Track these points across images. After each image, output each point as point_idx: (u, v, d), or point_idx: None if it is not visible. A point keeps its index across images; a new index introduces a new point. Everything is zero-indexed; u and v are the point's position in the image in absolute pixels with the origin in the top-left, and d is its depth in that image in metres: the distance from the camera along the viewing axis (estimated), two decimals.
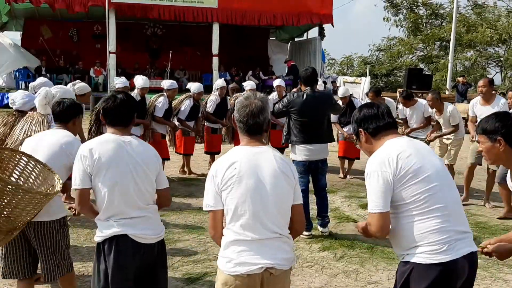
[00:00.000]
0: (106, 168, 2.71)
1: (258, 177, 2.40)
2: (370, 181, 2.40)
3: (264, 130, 2.52)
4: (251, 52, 21.39)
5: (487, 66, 30.64)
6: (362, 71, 31.67)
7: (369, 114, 2.57)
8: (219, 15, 17.71)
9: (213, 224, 2.50)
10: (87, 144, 2.81)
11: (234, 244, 2.41)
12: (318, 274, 4.48)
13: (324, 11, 18.85)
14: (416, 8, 31.82)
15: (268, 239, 2.40)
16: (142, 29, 21.57)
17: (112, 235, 2.76)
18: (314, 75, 5.46)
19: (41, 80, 5.94)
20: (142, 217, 2.81)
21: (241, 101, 2.51)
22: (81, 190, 2.77)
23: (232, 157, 2.45)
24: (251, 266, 2.36)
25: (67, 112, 3.49)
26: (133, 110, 2.95)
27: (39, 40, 19.71)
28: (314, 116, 5.30)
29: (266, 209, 2.39)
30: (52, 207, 3.20)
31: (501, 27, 27.51)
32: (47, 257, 3.27)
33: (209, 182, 2.46)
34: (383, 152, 2.43)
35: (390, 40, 33.36)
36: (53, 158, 3.22)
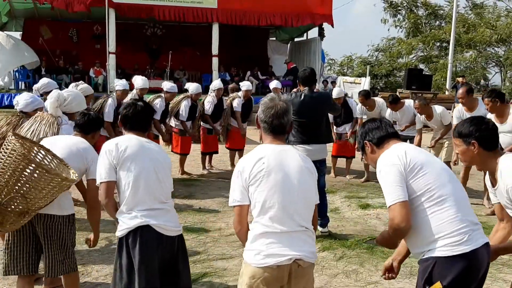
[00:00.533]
0: (131, 159, 2.88)
1: (285, 172, 2.49)
2: (383, 176, 2.47)
3: (287, 131, 2.66)
4: (250, 52, 21.37)
5: (487, 66, 30.65)
6: (362, 71, 31.67)
7: (372, 127, 2.71)
8: (219, 15, 17.69)
9: (239, 219, 2.56)
10: (112, 140, 2.98)
11: (262, 236, 2.45)
12: (318, 274, 4.48)
13: (324, 12, 18.84)
14: (415, 9, 31.83)
15: (296, 232, 2.46)
16: (141, 29, 21.55)
17: (136, 226, 2.83)
18: (312, 75, 5.46)
19: (44, 81, 5.94)
20: (163, 209, 2.95)
21: (266, 103, 2.61)
22: (107, 182, 2.88)
23: (259, 153, 2.53)
24: (281, 257, 2.40)
25: (90, 126, 3.64)
26: (151, 117, 3.23)
27: (39, 40, 19.69)
28: (312, 116, 5.31)
29: (294, 203, 2.47)
30: (63, 201, 3.27)
31: (500, 27, 27.53)
32: (52, 252, 3.28)
33: (236, 177, 2.53)
34: (391, 151, 2.55)
35: (390, 41, 33.38)
36: (69, 159, 3.27)
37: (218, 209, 6.46)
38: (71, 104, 4.39)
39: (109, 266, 4.57)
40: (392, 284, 4.24)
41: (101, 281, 4.24)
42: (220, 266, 4.57)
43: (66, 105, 4.35)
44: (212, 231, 5.56)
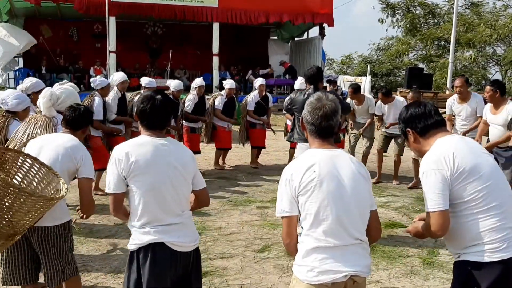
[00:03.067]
0: (142, 172, 2.61)
1: (338, 180, 2.31)
2: (427, 180, 2.36)
3: (335, 132, 2.45)
4: (251, 52, 21.35)
5: (486, 66, 30.63)
6: (362, 70, 31.65)
7: (416, 113, 2.53)
8: (219, 14, 17.69)
9: (288, 231, 2.38)
10: (123, 147, 2.67)
11: (315, 251, 2.30)
12: None
13: (324, 11, 18.83)
14: (413, 8, 31.81)
15: (350, 245, 2.31)
16: (142, 28, 21.53)
17: (148, 243, 2.62)
18: (318, 74, 5.42)
19: (32, 81, 5.63)
20: (178, 224, 2.71)
21: (313, 103, 2.42)
22: (115, 195, 2.66)
23: (308, 160, 2.34)
24: (336, 274, 2.26)
25: (79, 120, 3.40)
26: (171, 113, 2.87)
27: (39, 39, 19.67)
28: None
29: (348, 214, 2.30)
30: (56, 211, 3.10)
31: (499, 26, 27.51)
32: (51, 262, 3.17)
33: (284, 186, 2.35)
34: (438, 151, 2.40)
35: (389, 40, 33.36)
36: (57, 162, 3.12)
37: (218, 208, 6.46)
38: (65, 102, 4.11)
39: (108, 266, 4.57)
40: (392, 283, 4.23)
41: (101, 280, 4.22)
42: (220, 265, 4.56)
43: (59, 104, 4.11)
44: (212, 230, 5.56)
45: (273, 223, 5.87)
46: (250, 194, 7.30)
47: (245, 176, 8.52)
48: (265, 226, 5.76)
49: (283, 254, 4.90)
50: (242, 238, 5.34)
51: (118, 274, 4.34)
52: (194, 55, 21.31)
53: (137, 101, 2.81)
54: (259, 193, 7.40)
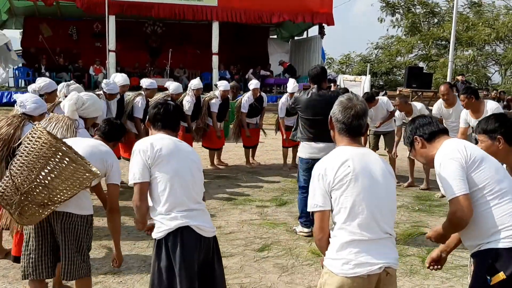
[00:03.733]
0: (167, 158, 2.80)
1: (371, 176, 2.39)
2: (444, 169, 2.46)
3: (363, 132, 2.55)
4: (251, 51, 21.33)
5: (486, 65, 30.63)
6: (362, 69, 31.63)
7: (423, 122, 2.70)
8: (219, 13, 17.69)
9: (321, 225, 2.42)
10: (146, 140, 2.90)
11: (350, 244, 2.34)
12: (318, 272, 4.47)
13: (324, 10, 18.83)
14: (413, 7, 31.78)
15: (382, 239, 2.38)
16: (141, 27, 21.52)
17: (176, 227, 2.75)
18: (321, 73, 5.42)
19: (46, 81, 5.65)
20: (199, 210, 2.90)
21: (344, 103, 2.51)
22: (141, 183, 2.79)
23: (341, 156, 2.42)
24: (372, 266, 2.31)
25: (114, 134, 3.59)
26: (181, 117, 3.15)
27: (39, 38, 19.67)
28: (317, 114, 5.28)
29: (381, 209, 2.38)
30: (82, 200, 3.19)
31: (499, 25, 27.51)
32: (70, 254, 3.19)
33: (317, 181, 2.41)
34: (449, 146, 2.54)
35: (388, 39, 33.33)
36: (89, 159, 3.12)
37: (218, 207, 6.46)
38: (89, 109, 4.19)
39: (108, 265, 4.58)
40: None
41: (101, 279, 4.23)
42: None
43: (83, 109, 4.15)
44: None
45: (273, 222, 5.87)
46: (249, 193, 7.30)
47: (245, 175, 8.52)
48: (264, 225, 5.77)
49: (283, 253, 4.91)
50: (242, 237, 5.34)
51: (118, 273, 4.34)
52: (194, 54, 21.30)
53: (150, 107, 3.08)
54: (258, 192, 7.40)
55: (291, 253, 4.93)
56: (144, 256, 4.73)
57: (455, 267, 4.63)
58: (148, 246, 5.01)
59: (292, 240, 5.30)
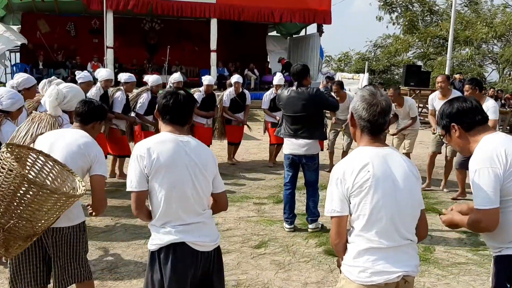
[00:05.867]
0: (164, 169, 2.56)
1: (392, 180, 2.27)
2: (480, 177, 2.36)
3: (385, 129, 2.42)
4: (249, 48, 21.31)
5: (483, 63, 30.67)
6: (359, 67, 31.64)
7: (464, 108, 2.51)
8: (217, 10, 17.66)
9: (338, 230, 2.34)
10: (144, 144, 2.62)
11: (367, 252, 2.27)
12: (315, 269, 4.49)
13: (323, 8, 18.82)
14: (410, 6, 31.77)
15: (402, 246, 2.30)
16: (139, 24, 21.46)
17: (169, 242, 2.58)
18: (302, 71, 5.41)
19: (24, 76, 5.37)
20: (199, 223, 2.66)
21: (368, 99, 2.34)
22: (138, 193, 2.59)
23: (361, 159, 2.29)
24: (389, 275, 2.25)
25: (91, 115, 3.25)
26: (193, 109, 2.77)
27: (37, 34, 19.61)
28: (296, 111, 5.35)
29: (401, 215, 2.28)
30: (72, 211, 3.00)
31: (497, 24, 27.54)
32: (63, 264, 3.05)
33: (335, 186, 2.30)
34: (488, 148, 2.41)
35: (386, 38, 33.34)
36: (70, 159, 2.99)
37: None
38: (71, 102, 3.87)
39: (105, 262, 4.57)
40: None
41: (98, 275, 4.23)
42: None
43: (66, 103, 3.87)
44: None
45: (270, 219, 5.88)
46: (247, 190, 7.31)
47: (242, 172, 8.53)
48: (262, 222, 5.78)
49: (280, 250, 4.92)
50: (239, 234, 5.35)
51: (115, 269, 4.35)
52: (192, 51, 21.27)
53: (160, 97, 2.75)
54: (256, 189, 7.41)
55: (288, 250, 4.94)
56: (141, 252, 4.73)
57: (451, 264, 4.65)
58: (145, 243, 5.00)
59: (289, 237, 5.31)
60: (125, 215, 5.59)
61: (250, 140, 11.66)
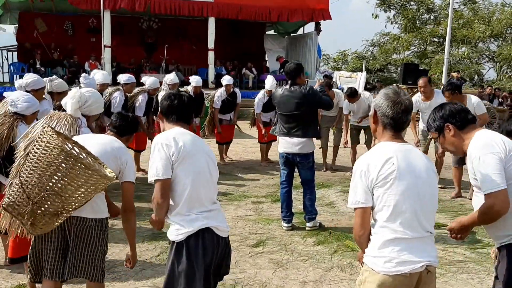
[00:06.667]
0: (191, 156, 2.70)
1: (415, 174, 2.36)
2: (483, 163, 2.46)
3: (405, 127, 2.51)
4: (247, 46, 21.29)
5: (480, 62, 30.71)
6: (356, 66, 31.66)
7: (455, 108, 2.66)
8: (215, 9, 17.64)
9: (362, 222, 2.39)
10: (167, 134, 2.74)
11: (392, 243, 2.33)
12: (313, 267, 4.49)
13: (320, 6, 18.81)
14: (408, 4, 31.78)
15: (424, 237, 2.38)
16: (137, 23, 21.41)
17: (198, 229, 2.67)
18: (295, 70, 5.41)
19: (33, 77, 5.38)
20: (216, 210, 2.82)
21: (392, 97, 2.43)
22: (165, 180, 2.65)
23: (385, 152, 2.37)
24: (414, 265, 2.31)
25: (128, 128, 3.37)
26: (194, 109, 2.93)
27: (34, 33, 19.55)
28: (289, 110, 5.37)
29: (423, 207, 2.36)
30: (97, 203, 3.03)
31: (494, 22, 27.57)
32: (79, 255, 3.02)
33: (359, 178, 2.37)
34: (484, 138, 2.53)
35: (384, 36, 33.35)
36: (102, 157, 2.98)
37: None
38: (92, 106, 3.90)
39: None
40: None
41: None
42: None
43: (86, 107, 3.87)
44: None
45: (268, 218, 5.88)
46: (245, 189, 7.31)
47: (240, 171, 8.53)
48: (260, 221, 5.77)
49: (278, 249, 4.92)
50: (237, 233, 5.34)
51: (112, 269, 4.35)
52: (190, 50, 21.24)
53: (163, 98, 2.91)
54: (254, 188, 7.41)
55: (286, 249, 4.94)
56: (138, 251, 4.70)
57: (449, 262, 4.65)
58: (143, 241, 5.00)
59: (287, 236, 5.31)
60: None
61: (248, 138, 11.65)
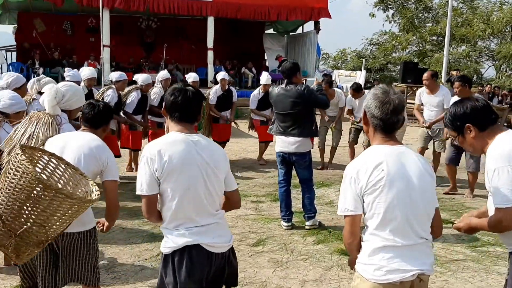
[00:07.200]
0: (177, 172, 2.48)
1: (407, 179, 2.27)
2: (499, 176, 2.33)
3: (398, 128, 2.39)
4: (246, 46, 21.25)
5: (480, 60, 30.72)
6: (356, 65, 31.68)
7: (478, 107, 2.47)
8: (214, 8, 17.62)
9: (351, 229, 2.34)
10: (154, 145, 2.53)
11: (382, 250, 2.27)
12: (313, 267, 4.48)
13: (320, 5, 18.79)
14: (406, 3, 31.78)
15: (417, 245, 2.30)
16: (136, 22, 21.38)
17: (183, 245, 2.52)
18: (290, 69, 5.38)
19: (12, 76, 5.18)
20: (213, 224, 2.60)
21: (380, 97, 2.33)
22: (149, 197, 2.52)
23: (375, 157, 2.28)
24: (404, 273, 2.25)
25: (100, 118, 3.18)
26: (201, 105, 2.70)
27: (33, 33, 19.53)
28: (284, 109, 5.36)
29: (416, 214, 2.28)
30: (83, 216, 2.89)
31: (493, 21, 27.58)
32: (70, 265, 2.99)
33: (349, 185, 2.31)
34: (505, 147, 2.37)
35: (383, 35, 33.36)
36: (82, 162, 2.92)
37: None
38: (70, 100, 3.79)
39: (100, 259, 4.55)
40: None
41: None
42: None
43: (65, 102, 3.76)
44: None
45: (268, 217, 5.87)
46: (244, 188, 7.29)
47: (240, 170, 8.52)
48: (259, 220, 5.76)
49: (278, 248, 4.91)
50: (237, 232, 5.33)
51: (112, 269, 4.34)
52: (189, 49, 21.21)
53: (167, 93, 2.67)
54: (253, 187, 7.40)
55: (286, 248, 4.93)
56: (138, 251, 4.72)
57: (449, 261, 4.64)
58: (142, 241, 4.99)
59: (286, 235, 5.30)
60: (121, 214, 5.56)
61: (248, 138, 11.64)
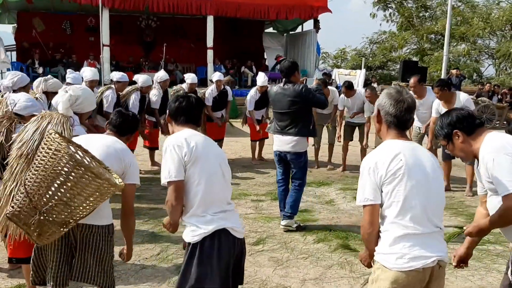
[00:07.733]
0: (203, 158, 2.68)
1: (423, 170, 2.38)
2: (499, 164, 2.37)
3: (409, 126, 2.53)
4: (246, 45, 21.28)
5: (479, 59, 30.72)
6: (356, 63, 31.66)
7: (462, 115, 2.60)
8: (213, 7, 17.61)
9: (371, 219, 2.39)
10: (178, 136, 2.73)
11: (403, 239, 2.33)
12: (313, 265, 4.49)
13: (319, 4, 18.79)
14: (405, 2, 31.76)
15: (434, 233, 2.39)
16: (135, 21, 21.39)
17: (214, 230, 2.64)
18: (289, 68, 5.37)
19: (17, 75, 5.15)
20: (231, 210, 2.80)
21: (394, 96, 2.47)
22: (178, 182, 2.63)
23: (392, 149, 2.39)
24: (426, 260, 2.32)
25: (128, 127, 3.27)
26: (202, 111, 2.98)
27: (32, 33, 19.52)
28: (281, 108, 5.37)
29: (432, 203, 2.38)
30: (102, 210, 2.94)
31: (493, 19, 27.57)
32: (86, 261, 2.96)
33: (368, 175, 2.38)
34: (496, 140, 2.45)
35: (382, 34, 33.34)
36: (106, 160, 2.91)
37: None
38: (83, 104, 3.80)
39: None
40: None
41: None
42: None
43: (78, 105, 3.77)
44: None
45: (268, 216, 5.88)
46: (244, 187, 7.30)
47: (239, 169, 8.52)
48: (259, 219, 5.77)
49: (278, 247, 4.91)
50: None
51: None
52: (189, 48, 21.21)
53: (171, 101, 2.94)
54: (253, 186, 7.40)
55: (286, 247, 4.93)
56: (138, 251, 4.72)
57: (449, 259, 4.64)
58: (143, 241, 5.00)
59: (287, 234, 5.31)
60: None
61: (247, 137, 11.63)
